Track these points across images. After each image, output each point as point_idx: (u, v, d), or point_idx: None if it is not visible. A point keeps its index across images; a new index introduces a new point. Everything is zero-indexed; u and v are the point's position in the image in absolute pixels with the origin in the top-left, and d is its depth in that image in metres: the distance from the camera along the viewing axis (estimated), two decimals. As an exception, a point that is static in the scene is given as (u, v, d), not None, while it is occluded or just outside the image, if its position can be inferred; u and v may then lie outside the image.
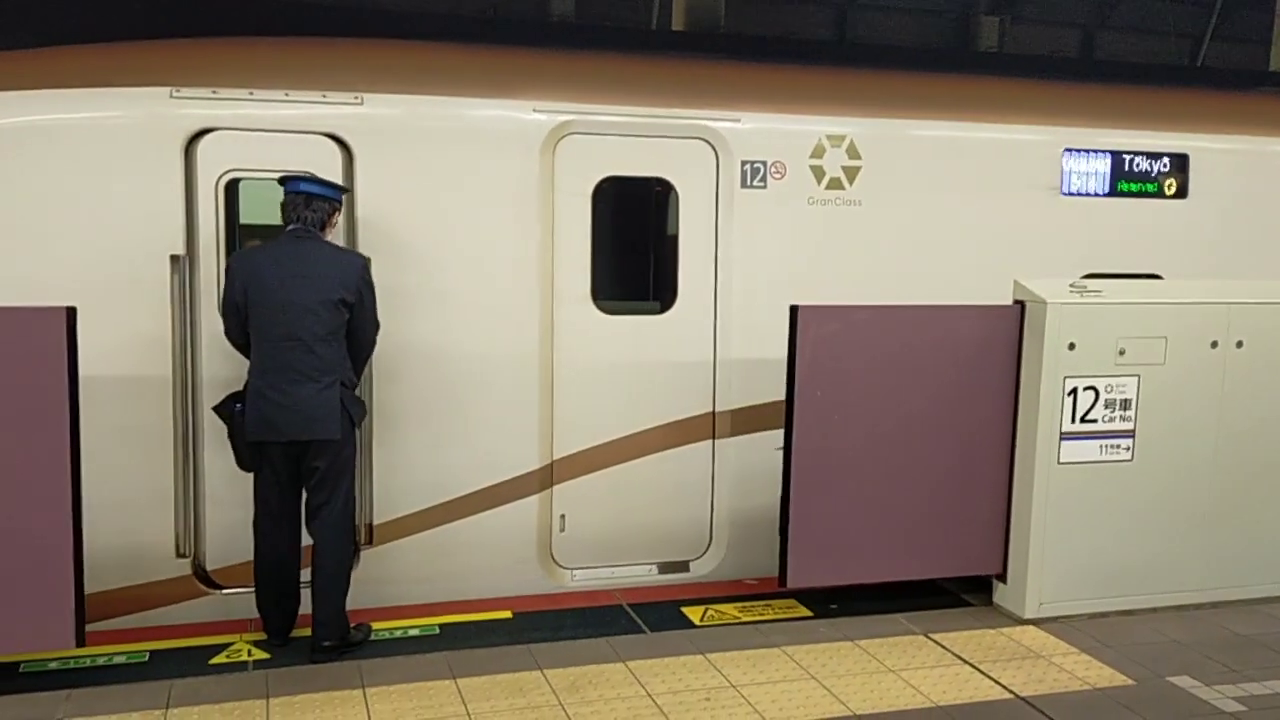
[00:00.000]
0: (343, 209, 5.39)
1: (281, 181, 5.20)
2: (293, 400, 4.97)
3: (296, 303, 4.98)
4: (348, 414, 5.10)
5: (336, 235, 5.47)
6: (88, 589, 5.29)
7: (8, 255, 5.15)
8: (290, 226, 5.12)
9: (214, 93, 5.37)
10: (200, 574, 5.56)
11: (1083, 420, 5.58)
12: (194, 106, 5.34)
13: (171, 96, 5.32)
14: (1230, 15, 18.84)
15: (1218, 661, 5.17)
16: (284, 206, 5.16)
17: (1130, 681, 4.94)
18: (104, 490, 5.27)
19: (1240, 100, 7.66)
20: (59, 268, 5.19)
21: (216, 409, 5.15)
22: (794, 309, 5.36)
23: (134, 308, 5.28)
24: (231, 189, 5.53)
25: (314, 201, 5.13)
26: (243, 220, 5.94)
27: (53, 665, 4.88)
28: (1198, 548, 5.86)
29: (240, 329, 5.07)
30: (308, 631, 5.18)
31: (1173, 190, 6.88)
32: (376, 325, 5.27)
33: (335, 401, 5.03)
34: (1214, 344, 5.77)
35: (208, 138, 5.38)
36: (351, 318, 5.09)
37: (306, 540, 5.17)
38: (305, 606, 5.19)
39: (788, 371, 5.38)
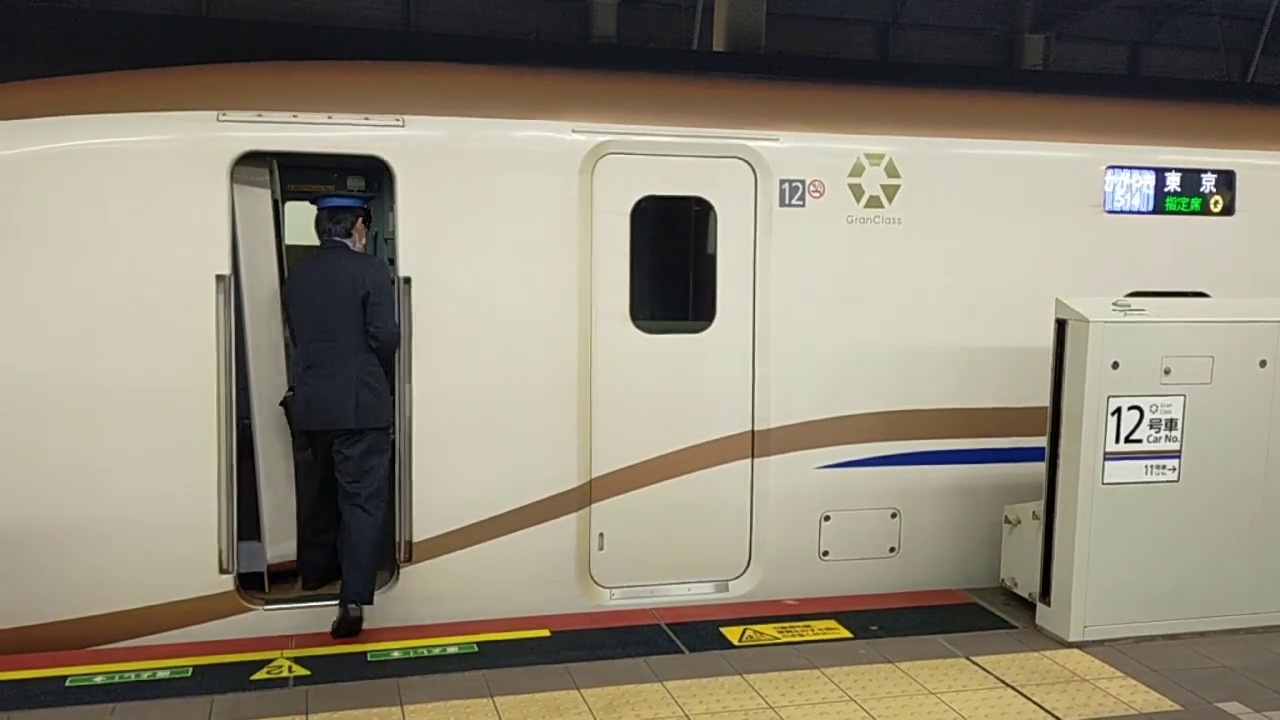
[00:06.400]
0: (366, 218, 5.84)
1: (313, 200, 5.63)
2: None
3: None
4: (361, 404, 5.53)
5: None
6: (133, 605, 5.40)
7: (62, 273, 5.25)
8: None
9: (259, 115, 5.47)
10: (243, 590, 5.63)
11: (1127, 440, 5.51)
12: (240, 129, 5.43)
13: (219, 120, 5.42)
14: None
15: (1268, 687, 5.07)
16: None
17: (1178, 707, 4.86)
18: (152, 506, 5.37)
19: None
20: (109, 287, 5.29)
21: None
22: (1060, 321, 5.53)
23: (181, 326, 5.37)
24: (275, 210, 5.61)
25: (337, 214, 5.67)
26: (287, 241, 6.04)
27: (98, 679, 4.94)
28: (1246, 571, 5.76)
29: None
30: (341, 648, 5.26)
31: (1219, 207, 6.80)
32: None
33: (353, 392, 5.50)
34: (1262, 363, 5.68)
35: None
36: (366, 313, 5.49)
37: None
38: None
39: (1053, 383, 5.63)
